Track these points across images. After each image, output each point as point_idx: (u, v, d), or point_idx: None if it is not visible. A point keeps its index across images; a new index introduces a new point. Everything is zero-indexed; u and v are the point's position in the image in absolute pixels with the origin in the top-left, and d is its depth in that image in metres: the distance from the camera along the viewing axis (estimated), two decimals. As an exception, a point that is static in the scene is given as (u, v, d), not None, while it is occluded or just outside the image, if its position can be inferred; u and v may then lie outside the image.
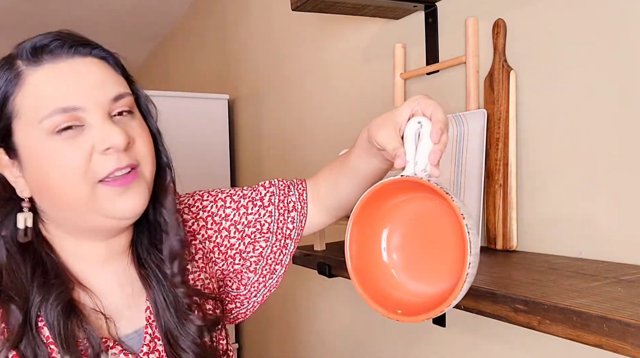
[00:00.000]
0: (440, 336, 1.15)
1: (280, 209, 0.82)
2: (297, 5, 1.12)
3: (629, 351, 0.52)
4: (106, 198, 0.62)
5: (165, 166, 0.72)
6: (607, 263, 0.80)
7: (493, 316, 0.68)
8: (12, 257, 0.63)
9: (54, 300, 0.61)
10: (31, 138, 0.61)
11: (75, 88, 0.61)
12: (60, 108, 0.59)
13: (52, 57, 0.62)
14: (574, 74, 0.86)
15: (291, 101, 1.82)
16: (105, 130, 0.60)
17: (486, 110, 0.99)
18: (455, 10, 1.08)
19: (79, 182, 0.60)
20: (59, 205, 0.63)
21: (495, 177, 0.97)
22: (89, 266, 0.68)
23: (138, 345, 0.68)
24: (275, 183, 0.84)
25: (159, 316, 0.69)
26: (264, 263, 0.82)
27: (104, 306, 0.66)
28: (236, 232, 0.81)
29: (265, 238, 0.81)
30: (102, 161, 0.61)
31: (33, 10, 2.85)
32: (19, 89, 0.61)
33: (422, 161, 0.58)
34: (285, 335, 1.97)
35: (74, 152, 0.60)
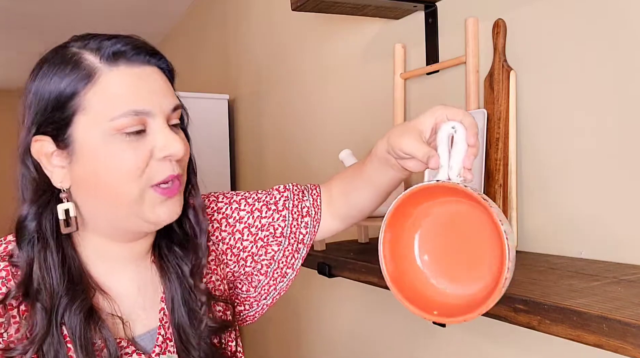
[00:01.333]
0: (440, 336, 1.15)
1: (294, 214, 0.82)
2: (297, 5, 1.12)
3: (629, 351, 0.52)
4: (151, 204, 0.64)
5: (192, 170, 0.74)
6: (607, 263, 0.80)
7: (493, 316, 0.68)
8: (48, 252, 0.64)
9: (77, 307, 0.63)
10: (94, 133, 0.62)
11: (146, 94, 0.63)
12: (133, 110, 0.62)
13: (128, 61, 0.63)
14: (574, 74, 0.86)
15: (291, 100, 1.82)
16: (167, 138, 0.63)
17: (486, 110, 0.99)
18: (455, 10, 1.08)
19: (133, 184, 0.63)
20: (104, 202, 0.64)
21: (495, 177, 0.97)
22: (110, 267, 0.69)
23: (150, 345, 0.69)
24: (289, 188, 0.85)
25: (174, 311, 0.70)
26: (275, 266, 0.83)
27: (121, 308, 0.68)
28: (249, 235, 0.81)
29: (278, 242, 0.82)
30: (159, 167, 0.64)
31: (33, 11, 2.85)
32: (91, 86, 0.62)
33: (456, 166, 0.59)
34: (285, 335, 1.97)
35: (134, 155, 0.62)
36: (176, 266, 0.72)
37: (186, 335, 0.70)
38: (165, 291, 0.71)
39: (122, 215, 0.65)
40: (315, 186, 0.86)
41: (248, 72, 2.19)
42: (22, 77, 0.85)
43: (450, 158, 0.59)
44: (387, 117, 1.27)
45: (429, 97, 1.17)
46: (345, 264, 0.98)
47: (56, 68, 0.63)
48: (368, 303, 1.42)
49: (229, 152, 2.33)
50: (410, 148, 0.63)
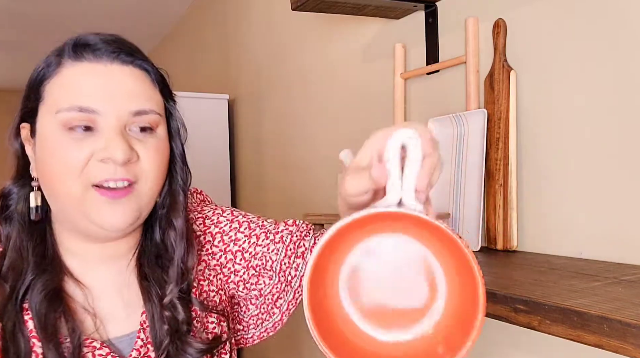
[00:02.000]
0: (440, 336, 1.15)
1: (288, 250, 0.77)
2: (297, 5, 1.12)
3: (630, 351, 0.52)
4: (94, 205, 0.61)
5: (179, 190, 0.70)
6: (608, 263, 0.80)
7: (493, 316, 0.68)
8: (22, 232, 0.65)
9: (41, 285, 0.62)
10: (47, 125, 0.62)
11: (100, 92, 0.61)
12: (78, 106, 0.60)
13: (94, 57, 0.62)
14: (574, 74, 0.86)
15: (291, 100, 1.82)
16: (109, 141, 0.60)
17: (486, 110, 0.99)
18: (455, 10, 1.08)
19: (73, 181, 0.61)
20: (54, 197, 0.64)
21: (496, 177, 0.97)
22: (84, 264, 0.68)
23: (128, 349, 0.66)
24: (298, 224, 0.80)
25: (155, 329, 0.66)
26: (262, 301, 0.79)
27: (97, 306, 0.66)
28: (242, 260, 0.77)
29: (269, 276, 0.78)
30: (98, 167, 0.61)
31: (33, 10, 2.85)
32: (54, 76, 0.62)
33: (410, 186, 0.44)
34: (284, 335, 1.97)
35: (76, 152, 0.60)
36: (157, 288, 0.68)
37: (169, 355, 0.66)
38: (145, 308, 0.67)
39: (71, 214, 0.63)
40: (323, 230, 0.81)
41: (248, 72, 2.19)
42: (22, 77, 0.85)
43: (403, 177, 0.45)
44: (387, 117, 1.27)
45: (429, 97, 1.17)
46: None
47: (44, 58, 0.64)
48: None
49: (229, 152, 2.33)
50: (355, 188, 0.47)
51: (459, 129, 1.04)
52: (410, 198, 0.44)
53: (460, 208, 1.02)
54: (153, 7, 2.93)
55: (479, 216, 0.98)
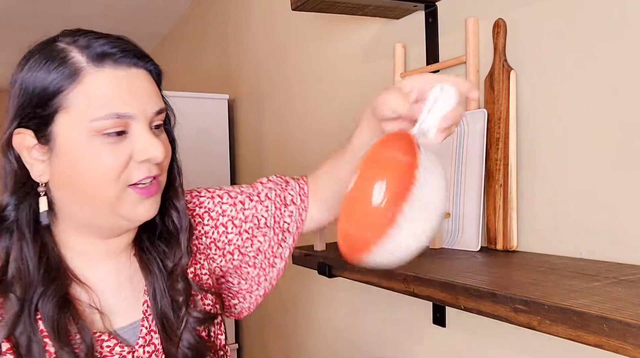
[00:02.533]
0: (440, 336, 1.15)
1: (276, 203, 0.83)
2: (297, 5, 1.12)
3: (630, 351, 0.52)
4: (130, 203, 0.65)
5: (178, 172, 0.75)
6: (608, 263, 0.80)
7: (493, 316, 0.68)
8: (24, 242, 0.65)
9: (50, 293, 0.63)
10: (75, 132, 0.62)
11: (130, 97, 0.63)
12: (115, 113, 0.62)
13: (114, 63, 0.63)
14: (574, 74, 0.86)
15: (291, 100, 1.82)
16: (147, 142, 0.64)
17: (486, 110, 0.99)
18: (455, 10, 1.08)
19: (111, 185, 0.63)
20: (82, 200, 0.65)
21: (496, 177, 0.97)
22: (88, 262, 0.70)
23: (133, 338, 0.69)
24: (272, 179, 0.86)
25: (157, 303, 0.71)
26: (262, 257, 0.84)
27: (101, 302, 0.68)
28: (234, 227, 0.82)
29: (263, 233, 0.83)
30: (137, 169, 0.64)
31: (33, 10, 2.85)
32: (76, 84, 0.62)
33: (429, 122, 0.59)
34: (285, 335, 1.97)
35: (113, 157, 0.63)
36: (157, 259, 0.73)
37: (170, 325, 0.71)
38: (147, 283, 0.72)
39: (100, 212, 0.65)
40: (301, 177, 0.87)
41: (248, 72, 2.19)
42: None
43: (428, 114, 0.59)
44: (387, 117, 1.27)
45: (429, 97, 1.17)
46: (345, 264, 0.98)
47: (43, 62, 0.63)
48: (368, 304, 1.42)
49: (229, 152, 2.33)
50: (393, 103, 0.62)
51: (459, 129, 1.04)
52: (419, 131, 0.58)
53: (460, 208, 1.02)
54: (153, 7, 2.93)
55: (479, 216, 0.98)
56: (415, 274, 0.81)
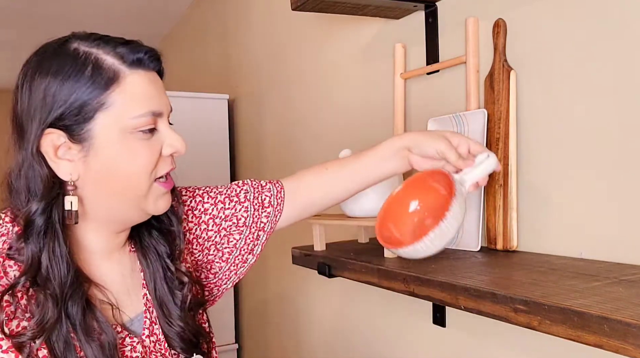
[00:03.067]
0: (440, 336, 1.15)
1: (255, 205, 0.89)
2: (297, 5, 1.12)
3: (630, 351, 0.52)
4: (155, 195, 0.71)
5: None
6: (608, 263, 0.80)
7: (493, 316, 0.68)
8: (56, 243, 0.66)
9: (78, 296, 0.66)
10: (113, 130, 0.66)
11: (159, 96, 0.70)
12: (151, 111, 0.68)
13: (144, 66, 0.69)
14: (574, 74, 0.86)
15: (291, 100, 1.82)
16: (173, 136, 0.71)
17: (486, 110, 0.98)
18: (455, 10, 1.08)
19: (145, 179, 0.69)
20: (114, 196, 0.69)
21: (495, 177, 0.97)
22: (93, 257, 0.73)
23: (139, 329, 0.74)
24: (247, 182, 0.92)
25: (156, 289, 0.76)
26: (236, 253, 0.89)
27: (110, 296, 0.72)
28: (214, 225, 0.87)
29: (240, 231, 0.88)
30: (166, 163, 0.71)
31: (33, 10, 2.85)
32: (116, 86, 0.66)
33: (472, 177, 0.78)
34: (284, 335, 1.97)
35: (149, 152, 0.68)
36: (155, 249, 0.78)
37: (169, 310, 0.76)
38: (145, 274, 0.77)
39: (126, 207, 0.70)
40: (277, 180, 0.93)
41: (248, 72, 2.19)
42: (21, 77, 0.85)
43: (472, 171, 0.78)
44: (387, 117, 1.27)
45: (429, 97, 1.17)
46: (345, 264, 0.98)
47: (72, 69, 0.65)
48: (368, 304, 1.42)
49: (229, 152, 2.33)
50: (442, 148, 0.78)
51: (459, 129, 1.04)
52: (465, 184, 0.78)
53: (460, 208, 1.02)
54: (153, 7, 2.93)
55: (479, 216, 0.98)
56: (415, 274, 0.81)
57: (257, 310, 2.22)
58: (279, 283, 1.97)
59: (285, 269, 1.89)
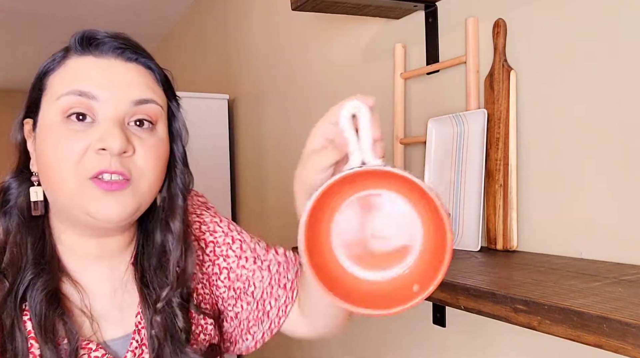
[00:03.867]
0: (440, 336, 1.15)
1: (272, 280, 0.77)
2: (297, 5, 1.12)
3: (630, 351, 0.52)
4: (90, 196, 0.60)
5: (178, 193, 0.70)
6: (608, 263, 0.80)
7: (493, 316, 0.68)
8: (21, 227, 0.65)
9: (41, 284, 0.61)
10: (47, 116, 0.62)
11: (100, 80, 0.61)
12: (77, 90, 0.60)
13: (99, 53, 0.63)
14: (574, 74, 0.86)
15: (291, 100, 1.82)
16: (107, 131, 0.60)
17: (486, 110, 0.99)
18: (455, 10, 1.08)
19: (69, 174, 0.60)
20: (52, 189, 0.64)
21: (496, 177, 0.97)
22: (80, 262, 0.67)
23: (123, 351, 0.65)
24: (288, 255, 0.81)
25: (152, 336, 0.66)
26: (236, 323, 0.78)
27: (92, 307, 0.65)
28: (226, 278, 0.77)
29: (247, 301, 0.77)
30: (94, 159, 0.60)
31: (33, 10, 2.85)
32: (58, 68, 0.63)
33: (369, 147, 0.53)
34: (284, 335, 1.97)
35: (71, 143, 0.60)
36: (159, 292, 0.67)
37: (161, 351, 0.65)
38: (143, 315, 0.67)
39: (68, 206, 0.62)
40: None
41: (248, 72, 2.19)
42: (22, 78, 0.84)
43: (360, 141, 0.53)
44: (387, 117, 1.27)
45: (429, 97, 1.17)
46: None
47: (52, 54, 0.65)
48: (368, 303, 1.42)
49: (229, 152, 2.33)
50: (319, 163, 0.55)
51: (459, 129, 1.04)
52: (370, 156, 0.51)
53: (460, 208, 1.02)
54: (153, 7, 2.93)
55: (479, 216, 0.98)
56: (415, 274, 0.81)
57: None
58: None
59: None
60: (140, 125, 0.63)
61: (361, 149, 0.53)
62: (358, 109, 0.55)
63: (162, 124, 0.66)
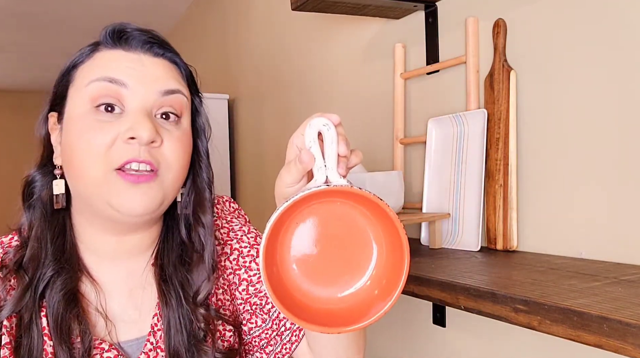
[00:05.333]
0: (440, 336, 1.15)
1: None
2: (297, 5, 1.12)
3: (630, 351, 0.52)
4: (115, 188, 0.60)
5: (204, 186, 0.71)
6: (608, 263, 0.80)
7: (493, 316, 0.68)
8: (43, 221, 0.65)
9: (60, 283, 0.62)
10: (75, 107, 0.62)
11: (130, 71, 0.62)
12: (108, 77, 0.61)
13: (128, 47, 0.64)
14: (574, 74, 0.86)
15: (291, 100, 1.82)
16: (136, 120, 0.60)
17: (486, 110, 0.99)
18: (455, 10, 1.08)
19: (97, 164, 0.60)
20: (76, 181, 0.64)
21: (496, 177, 0.97)
22: (99, 260, 0.67)
23: (137, 353, 0.65)
24: None
25: (170, 336, 0.65)
26: (249, 339, 0.75)
27: (108, 306, 0.65)
28: (244, 291, 0.74)
29: (263, 319, 0.74)
30: (122, 149, 0.60)
31: (33, 10, 2.85)
32: (87, 61, 0.64)
33: (334, 164, 0.53)
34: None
35: (99, 134, 0.60)
36: (179, 289, 0.67)
37: None
38: (162, 312, 0.66)
39: (91, 199, 0.61)
40: None
41: (248, 72, 2.19)
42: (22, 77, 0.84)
43: (325, 157, 0.54)
44: (387, 117, 1.27)
45: (429, 97, 1.17)
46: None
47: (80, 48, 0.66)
48: (368, 303, 1.42)
49: (229, 152, 2.33)
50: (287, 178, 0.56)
51: (459, 129, 1.04)
52: (334, 175, 0.52)
53: (460, 208, 1.02)
54: (153, 7, 2.93)
55: (479, 216, 0.98)
56: (415, 274, 0.81)
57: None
58: None
59: None
60: (167, 118, 0.64)
61: (326, 166, 0.53)
62: (325, 126, 0.55)
63: (186, 118, 0.68)
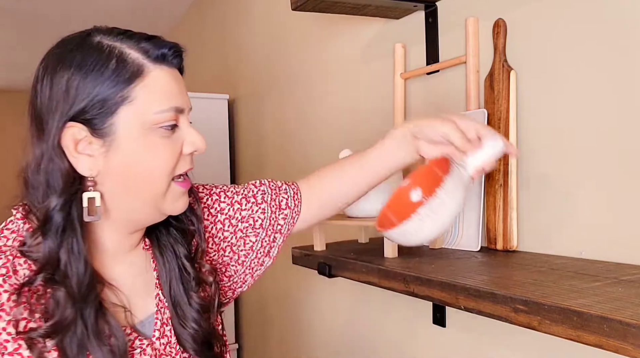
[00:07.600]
0: (440, 336, 1.15)
1: (272, 207, 0.87)
2: (297, 5, 1.12)
3: (630, 351, 0.52)
4: (173, 196, 0.69)
5: None
6: (608, 263, 0.80)
7: (493, 316, 0.68)
8: (74, 239, 0.64)
9: (92, 298, 0.64)
10: (135, 126, 0.65)
11: (181, 93, 0.69)
12: (175, 107, 0.67)
13: (169, 64, 0.68)
14: (574, 74, 0.86)
15: (291, 100, 1.82)
16: (194, 135, 0.70)
17: (486, 110, 0.99)
18: (455, 10, 1.08)
19: (164, 178, 0.67)
20: (131, 194, 0.67)
21: (496, 177, 0.97)
22: (107, 259, 0.71)
23: (150, 331, 0.72)
24: (265, 183, 0.89)
25: (171, 289, 0.74)
26: (253, 256, 0.86)
27: (119, 298, 0.70)
28: (230, 226, 0.85)
29: (256, 233, 0.86)
30: (186, 161, 0.70)
31: (33, 9, 2.85)
32: (140, 80, 0.65)
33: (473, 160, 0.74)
34: (285, 335, 1.97)
35: (169, 150, 0.67)
36: (172, 248, 0.76)
37: (183, 312, 0.74)
38: (160, 273, 0.75)
39: (143, 206, 0.68)
40: (292, 182, 0.91)
41: (248, 72, 2.19)
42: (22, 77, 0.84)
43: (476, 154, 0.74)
44: (387, 117, 1.27)
45: (429, 97, 1.17)
46: (345, 264, 0.98)
47: (96, 62, 0.64)
48: (368, 304, 1.42)
49: (229, 152, 2.33)
50: (448, 132, 0.73)
51: (459, 129, 1.04)
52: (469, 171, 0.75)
53: (460, 208, 1.02)
54: (153, 7, 2.93)
55: (479, 216, 0.98)
56: (415, 274, 0.81)
57: (257, 310, 2.22)
58: (279, 283, 1.97)
59: (285, 269, 1.88)
60: None
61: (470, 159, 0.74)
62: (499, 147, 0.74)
63: None
